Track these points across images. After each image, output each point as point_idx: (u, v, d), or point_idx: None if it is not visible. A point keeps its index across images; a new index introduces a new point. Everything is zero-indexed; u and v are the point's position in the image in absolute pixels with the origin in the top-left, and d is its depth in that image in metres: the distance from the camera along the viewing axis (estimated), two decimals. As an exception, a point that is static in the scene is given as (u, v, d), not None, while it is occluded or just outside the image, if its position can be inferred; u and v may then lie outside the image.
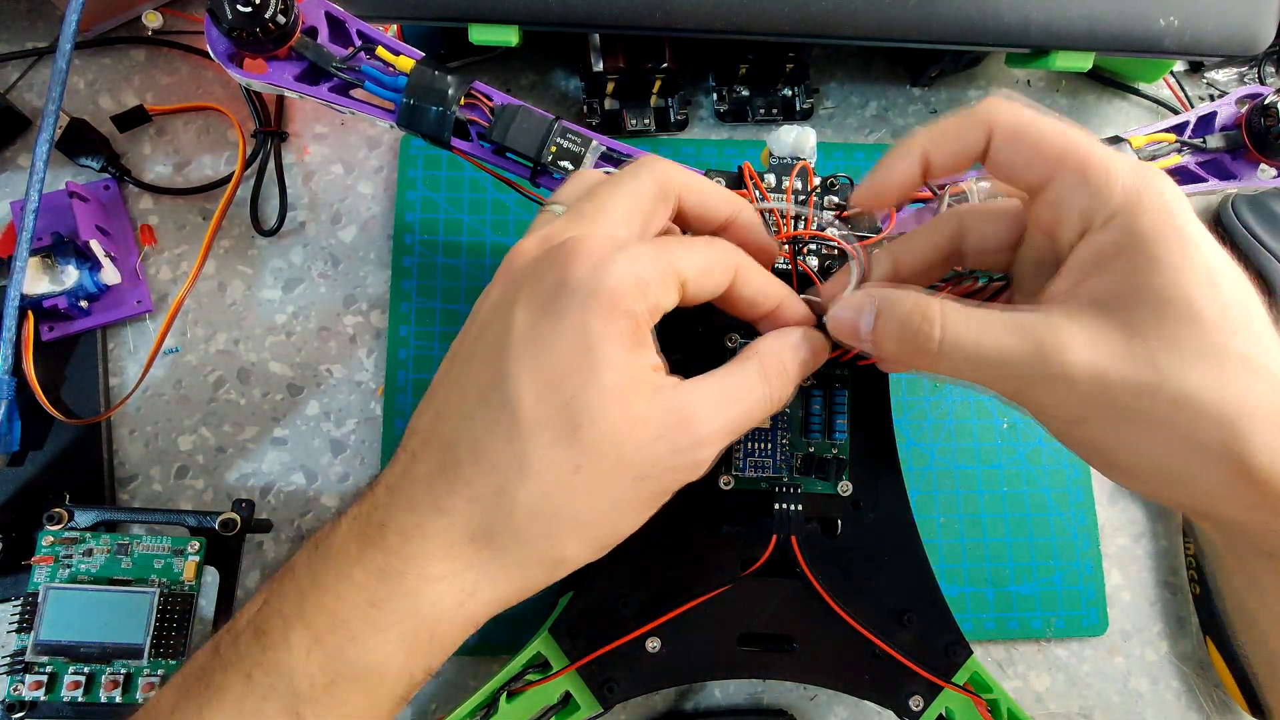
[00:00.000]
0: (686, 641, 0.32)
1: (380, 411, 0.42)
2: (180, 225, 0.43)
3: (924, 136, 0.26)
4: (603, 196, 0.25)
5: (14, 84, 0.44)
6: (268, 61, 0.34)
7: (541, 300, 0.23)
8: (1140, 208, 0.22)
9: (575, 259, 0.23)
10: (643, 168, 0.26)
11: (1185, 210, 0.22)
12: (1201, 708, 0.43)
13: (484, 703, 0.32)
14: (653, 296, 0.23)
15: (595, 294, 0.22)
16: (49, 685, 0.33)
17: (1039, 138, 0.24)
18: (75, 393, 0.40)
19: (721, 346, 0.32)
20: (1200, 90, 0.51)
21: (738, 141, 0.46)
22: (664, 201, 0.26)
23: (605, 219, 0.25)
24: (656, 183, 0.26)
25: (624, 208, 0.25)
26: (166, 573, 0.35)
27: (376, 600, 0.23)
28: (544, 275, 0.23)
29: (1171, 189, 0.23)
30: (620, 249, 0.23)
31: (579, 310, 0.22)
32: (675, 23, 0.38)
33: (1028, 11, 0.39)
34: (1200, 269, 0.22)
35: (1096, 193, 0.23)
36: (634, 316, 0.23)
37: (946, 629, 0.33)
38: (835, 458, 0.32)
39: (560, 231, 0.25)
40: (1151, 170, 0.23)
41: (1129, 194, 0.22)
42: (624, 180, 0.26)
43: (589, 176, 0.28)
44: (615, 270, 0.23)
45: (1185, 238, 0.22)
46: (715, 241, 0.27)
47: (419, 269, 0.43)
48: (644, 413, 0.23)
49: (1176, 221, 0.22)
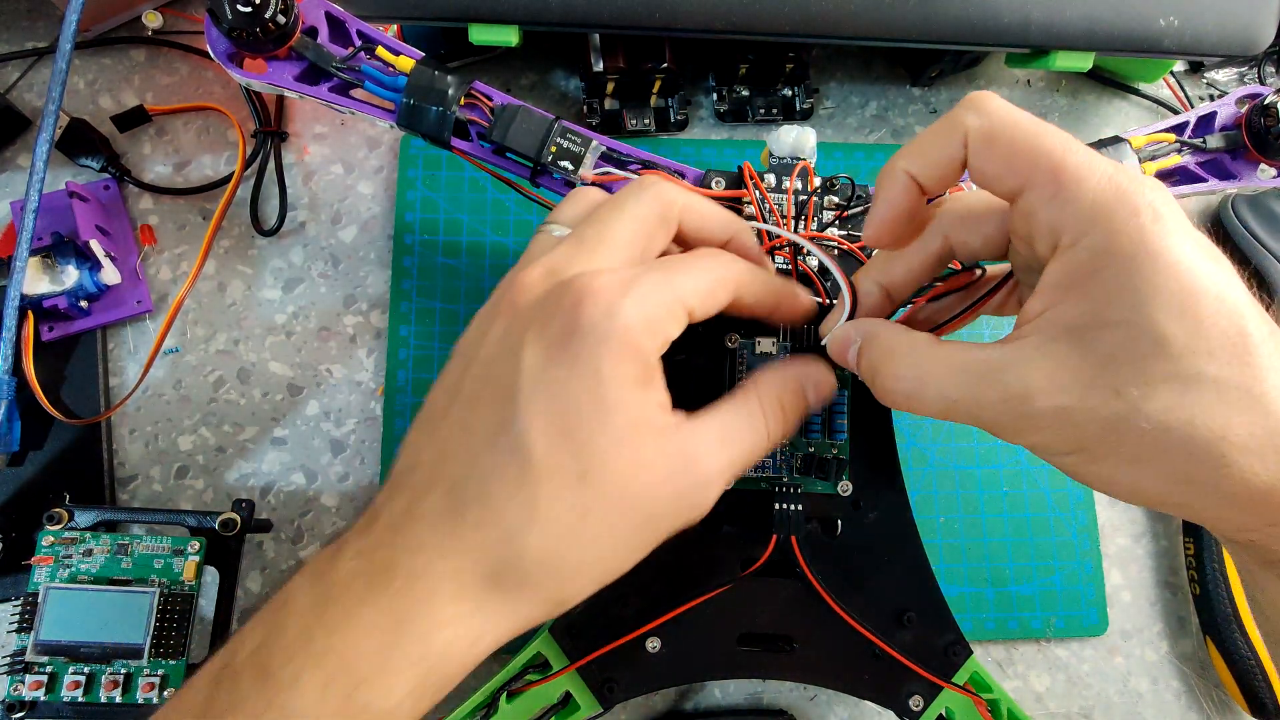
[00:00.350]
0: (686, 641, 0.32)
1: (380, 411, 0.42)
2: (180, 225, 0.43)
3: (904, 158, 0.25)
4: (604, 221, 0.25)
5: (14, 84, 0.44)
6: (268, 61, 0.34)
7: (552, 343, 0.23)
8: (1112, 224, 0.21)
9: (586, 301, 0.23)
10: (644, 189, 0.26)
11: (1165, 223, 0.21)
12: (1201, 708, 0.43)
13: (484, 703, 0.32)
14: (661, 334, 0.24)
15: (608, 338, 0.22)
16: (49, 685, 0.33)
17: (1010, 143, 0.22)
18: (75, 393, 0.40)
19: (722, 346, 0.32)
20: (1200, 90, 0.51)
21: (738, 141, 0.47)
22: (665, 224, 0.26)
23: (607, 247, 0.25)
24: (659, 205, 0.26)
25: (626, 232, 0.25)
26: (166, 573, 0.35)
27: (388, 644, 0.22)
28: (553, 316, 0.23)
29: (1152, 198, 0.21)
30: (629, 287, 0.23)
31: (591, 356, 0.22)
32: (675, 23, 0.38)
33: (1028, 11, 0.39)
34: (1172, 293, 0.20)
35: (1066, 206, 0.21)
36: (645, 357, 0.23)
37: (946, 629, 0.33)
38: (835, 458, 0.32)
39: (564, 262, 0.25)
40: (1130, 179, 0.21)
41: (1100, 208, 0.21)
42: (626, 203, 0.26)
43: (589, 196, 0.28)
44: (626, 311, 0.23)
45: (1158, 257, 0.20)
46: (716, 257, 0.26)
47: (419, 269, 0.43)
48: (652, 456, 0.23)
49: (1150, 239, 0.20)
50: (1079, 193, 0.21)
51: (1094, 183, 0.21)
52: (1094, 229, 0.21)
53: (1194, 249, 0.21)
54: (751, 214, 0.33)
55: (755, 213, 0.33)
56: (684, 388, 0.32)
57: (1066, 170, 0.21)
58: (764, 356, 0.32)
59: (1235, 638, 0.41)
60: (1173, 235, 0.21)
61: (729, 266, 0.26)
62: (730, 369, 0.32)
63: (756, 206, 0.33)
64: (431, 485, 0.24)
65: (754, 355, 0.32)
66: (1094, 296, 0.21)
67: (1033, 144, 0.22)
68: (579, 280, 0.23)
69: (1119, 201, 0.21)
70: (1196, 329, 0.20)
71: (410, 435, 0.26)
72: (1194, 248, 0.21)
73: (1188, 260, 0.20)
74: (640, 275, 0.24)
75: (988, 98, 0.23)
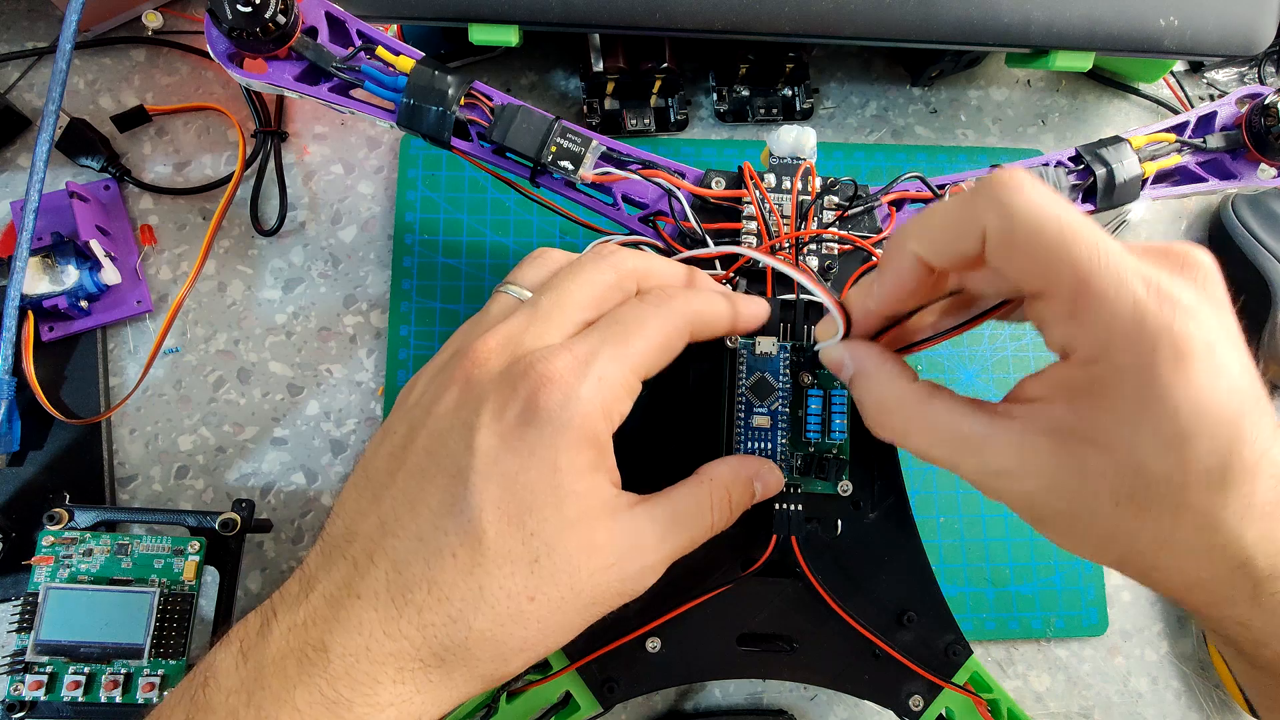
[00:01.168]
0: (686, 641, 0.32)
1: (380, 412, 0.42)
2: (180, 225, 0.43)
3: (915, 239, 0.23)
4: (561, 289, 0.26)
5: (14, 84, 0.44)
6: (268, 61, 0.34)
7: (508, 428, 0.23)
8: (1126, 358, 0.20)
9: (544, 389, 0.23)
10: (602, 258, 0.27)
11: (1183, 364, 0.19)
12: (1201, 708, 0.43)
13: (484, 702, 0.32)
14: (617, 414, 0.24)
15: (565, 429, 0.23)
16: (49, 685, 0.33)
17: (1031, 251, 0.21)
18: (75, 393, 0.40)
19: (721, 346, 0.32)
20: (1200, 90, 0.51)
21: (738, 141, 0.47)
22: (620, 290, 0.27)
23: (562, 314, 0.25)
24: (615, 273, 0.27)
25: (580, 299, 0.26)
26: (166, 573, 0.35)
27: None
28: (509, 400, 0.23)
29: (1179, 332, 0.19)
30: (585, 370, 0.24)
31: (549, 446, 0.23)
32: (675, 23, 0.38)
33: (1028, 11, 0.39)
34: (1165, 436, 0.20)
35: (1083, 328, 0.20)
36: (599, 441, 0.24)
37: (946, 629, 0.33)
38: (835, 458, 0.32)
39: (520, 331, 0.25)
40: (1160, 302, 0.20)
41: (1117, 340, 0.20)
42: (583, 270, 0.27)
43: (549, 259, 0.29)
44: (583, 398, 0.23)
45: (1163, 403, 0.20)
46: (665, 303, 0.26)
47: (419, 269, 0.43)
48: (603, 541, 0.24)
49: (1159, 384, 0.19)
50: (1098, 318, 0.20)
51: (1116, 309, 0.20)
52: (1105, 359, 0.20)
53: (1208, 382, 0.20)
54: (751, 214, 0.33)
55: (755, 213, 0.33)
56: (685, 388, 0.32)
57: (1089, 290, 0.20)
58: (764, 356, 0.32)
59: (1235, 638, 0.41)
60: (1184, 376, 0.19)
61: (680, 309, 0.26)
62: (730, 369, 0.32)
63: (756, 206, 0.33)
64: (372, 561, 0.23)
65: (753, 356, 0.32)
66: (1088, 416, 0.21)
67: (1056, 254, 0.20)
68: (538, 365, 0.23)
69: (1139, 335, 0.20)
70: (1180, 464, 0.20)
71: (346, 494, 0.25)
72: (1208, 380, 0.20)
73: (1191, 404, 0.20)
74: (595, 352, 0.24)
75: (1012, 187, 0.21)
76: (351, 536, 0.24)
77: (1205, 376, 0.20)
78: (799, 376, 0.32)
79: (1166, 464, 0.20)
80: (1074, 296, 0.20)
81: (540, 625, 0.23)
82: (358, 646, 0.22)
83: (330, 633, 0.22)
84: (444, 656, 0.23)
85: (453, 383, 0.25)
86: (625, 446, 0.26)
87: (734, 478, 0.28)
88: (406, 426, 0.25)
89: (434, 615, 0.22)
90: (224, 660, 0.23)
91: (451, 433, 0.24)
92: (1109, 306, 0.20)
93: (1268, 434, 0.20)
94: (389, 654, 0.22)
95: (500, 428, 0.23)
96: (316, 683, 0.22)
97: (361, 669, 0.22)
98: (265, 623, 0.23)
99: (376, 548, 0.23)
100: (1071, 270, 0.20)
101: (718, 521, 0.27)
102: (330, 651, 0.22)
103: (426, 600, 0.22)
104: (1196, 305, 0.20)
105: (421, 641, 0.22)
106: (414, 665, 0.23)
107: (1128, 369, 0.20)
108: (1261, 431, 0.20)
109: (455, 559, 0.22)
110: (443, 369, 0.26)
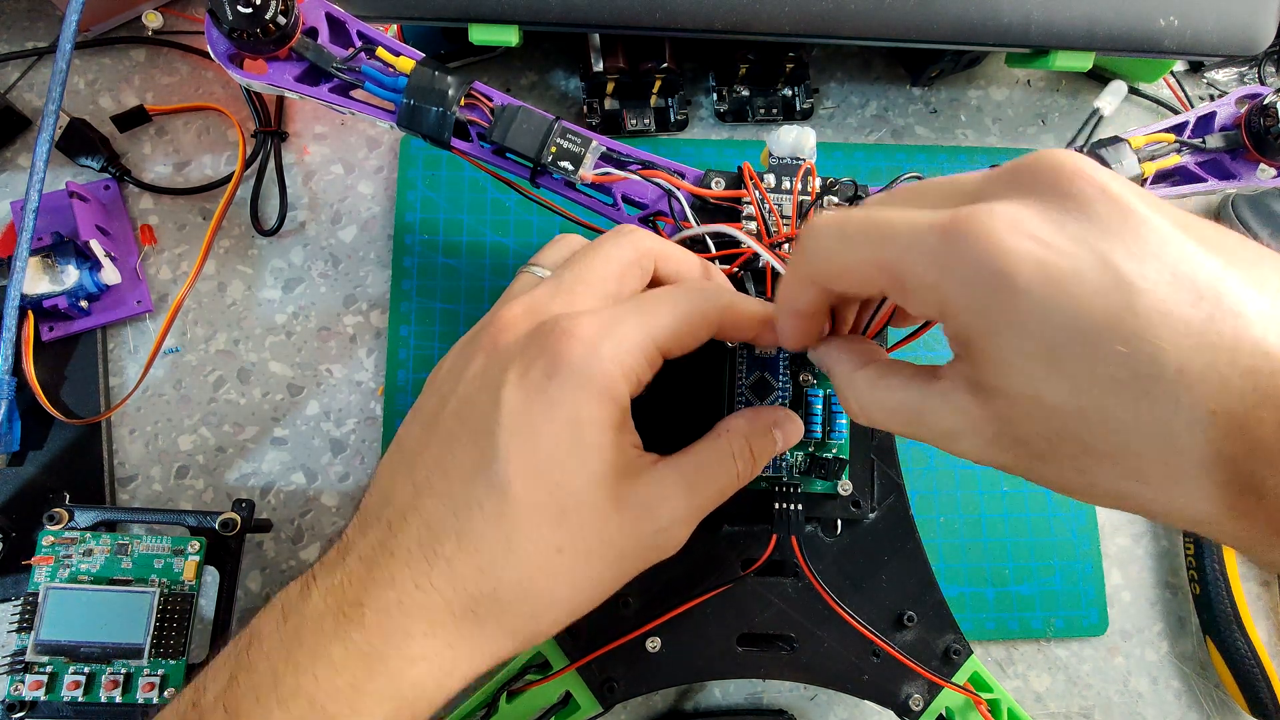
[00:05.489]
0: (686, 641, 0.32)
1: (380, 411, 0.42)
2: (180, 225, 0.43)
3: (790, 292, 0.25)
4: (583, 263, 0.27)
5: (14, 84, 0.44)
6: (268, 62, 0.34)
7: (533, 383, 0.23)
8: (951, 307, 0.20)
9: (566, 344, 0.23)
10: (621, 235, 0.27)
11: (1012, 285, 0.18)
12: (1201, 708, 0.43)
13: (484, 702, 0.32)
14: (635, 378, 0.24)
15: (588, 382, 0.23)
16: (49, 685, 0.33)
17: (853, 284, 0.22)
18: (75, 393, 0.40)
19: (721, 346, 0.32)
20: (1200, 90, 0.51)
21: (738, 141, 0.47)
22: (640, 268, 0.27)
23: (585, 287, 0.26)
24: (634, 251, 0.27)
25: (603, 273, 0.26)
26: (166, 573, 0.35)
27: (358, 683, 0.22)
28: (534, 357, 0.24)
29: (982, 257, 0.18)
30: (608, 330, 0.24)
31: (571, 398, 0.23)
32: (675, 23, 0.38)
33: (1028, 11, 0.39)
34: (1032, 352, 0.18)
35: (915, 303, 0.21)
36: (621, 401, 0.24)
37: (946, 629, 0.33)
38: (835, 457, 0.32)
39: (544, 301, 0.26)
40: (951, 244, 0.19)
41: (931, 295, 0.20)
42: (603, 247, 0.27)
43: (569, 241, 0.30)
44: (604, 354, 0.23)
45: (1022, 327, 0.18)
46: (692, 291, 0.26)
47: (419, 269, 0.43)
48: (627, 493, 0.24)
49: (1005, 313, 0.18)
50: (915, 295, 0.20)
51: (922, 279, 0.20)
52: (946, 317, 0.20)
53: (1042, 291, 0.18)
54: (751, 214, 0.33)
55: (755, 213, 0.33)
56: (685, 389, 0.32)
57: (898, 276, 0.20)
58: (764, 357, 0.32)
59: (1235, 638, 0.41)
60: (1021, 297, 0.18)
61: (708, 300, 0.26)
62: (730, 369, 0.32)
63: (756, 207, 0.33)
64: (405, 521, 0.24)
65: (753, 356, 0.32)
66: (976, 369, 0.20)
67: (869, 272, 0.21)
68: (560, 322, 0.24)
69: (941, 286, 0.19)
70: (1071, 382, 0.18)
71: (382, 469, 0.26)
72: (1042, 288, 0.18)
73: (1026, 320, 0.18)
74: (619, 317, 0.24)
75: (805, 241, 0.23)
76: (386, 503, 0.25)
77: (1030, 279, 0.18)
78: (799, 376, 0.32)
79: (1060, 389, 0.18)
80: (892, 289, 0.21)
81: (570, 580, 0.24)
82: (390, 601, 0.23)
83: (365, 590, 0.23)
84: (474, 608, 0.23)
85: (479, 350, 0.25)
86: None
87: (752, 428, 0.28)
88: (437, 398, 0.26)
89: (463, 566, 0.23)
90: (267, 623, 0.23)
91: (480, 395, 0.24)
92: (909, 279, 0.20)
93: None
94: (420, 606, 0.23)
95: (525, 384, 0.24)
96: (352, 637, 0.22)
97: (394, 622, 0.22)
98: (305, 586, 0.24)
99: (410, 508, 0.24)
100: (879, 272, 0.21)
101: (743, 471, 0.27)
102: (365, 607, 0.23)
103: (456, 552, 0.23)
104: (992, 226, 0.18)
105: (452, 594, 0.23)
106: (445, 618, 0.23)
107: (961, 321, 0.20)
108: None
109: (483, 510, 0.23)
110: (470, 341, 0.27)
